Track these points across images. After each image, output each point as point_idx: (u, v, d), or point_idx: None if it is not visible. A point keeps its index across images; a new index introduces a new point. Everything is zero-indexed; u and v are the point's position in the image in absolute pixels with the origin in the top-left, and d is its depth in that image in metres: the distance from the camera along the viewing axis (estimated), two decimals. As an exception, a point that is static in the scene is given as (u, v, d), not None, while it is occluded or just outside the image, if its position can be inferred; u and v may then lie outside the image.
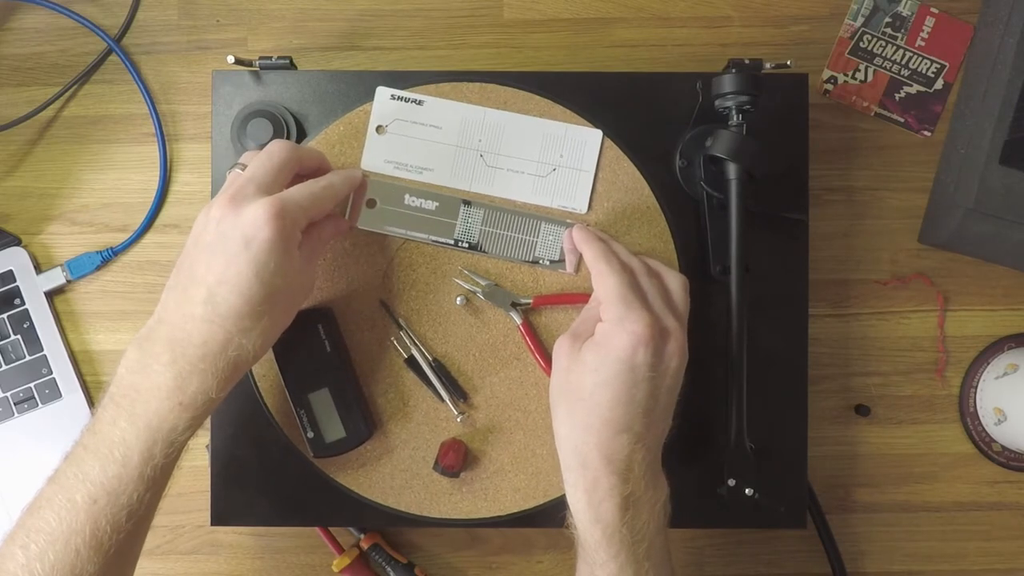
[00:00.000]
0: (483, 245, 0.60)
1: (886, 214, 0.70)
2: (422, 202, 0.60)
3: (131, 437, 0.48)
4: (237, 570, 0.69)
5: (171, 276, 0.52)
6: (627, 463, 0.51)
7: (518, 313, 0.60)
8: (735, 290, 0.58)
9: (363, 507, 0.61)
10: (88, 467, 0.48)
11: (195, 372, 0.48)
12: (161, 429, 0.48)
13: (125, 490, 0.48)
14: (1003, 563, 0.70)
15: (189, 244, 0.52)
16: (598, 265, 0.54)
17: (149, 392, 0.48)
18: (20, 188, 0.70)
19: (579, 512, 0.52)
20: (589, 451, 0.51)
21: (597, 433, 0.51)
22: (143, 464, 0.48)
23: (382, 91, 0.61)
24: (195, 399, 0.49)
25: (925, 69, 0.70)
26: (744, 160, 0.57)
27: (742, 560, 0.70)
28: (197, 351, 0.48)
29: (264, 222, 0.49)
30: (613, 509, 0.50)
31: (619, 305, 0.52)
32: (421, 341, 0.61)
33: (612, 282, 0.53)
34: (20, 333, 0.68)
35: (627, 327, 0.51)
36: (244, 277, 0.48)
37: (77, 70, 0.69)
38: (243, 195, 0.50)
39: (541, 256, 0.60)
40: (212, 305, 0.49)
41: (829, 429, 0.69)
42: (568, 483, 0.53)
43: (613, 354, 0.51)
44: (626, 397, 0.51)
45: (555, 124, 0.61)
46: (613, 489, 0.50)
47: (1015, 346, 0.69)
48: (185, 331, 0.49)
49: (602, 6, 0.70)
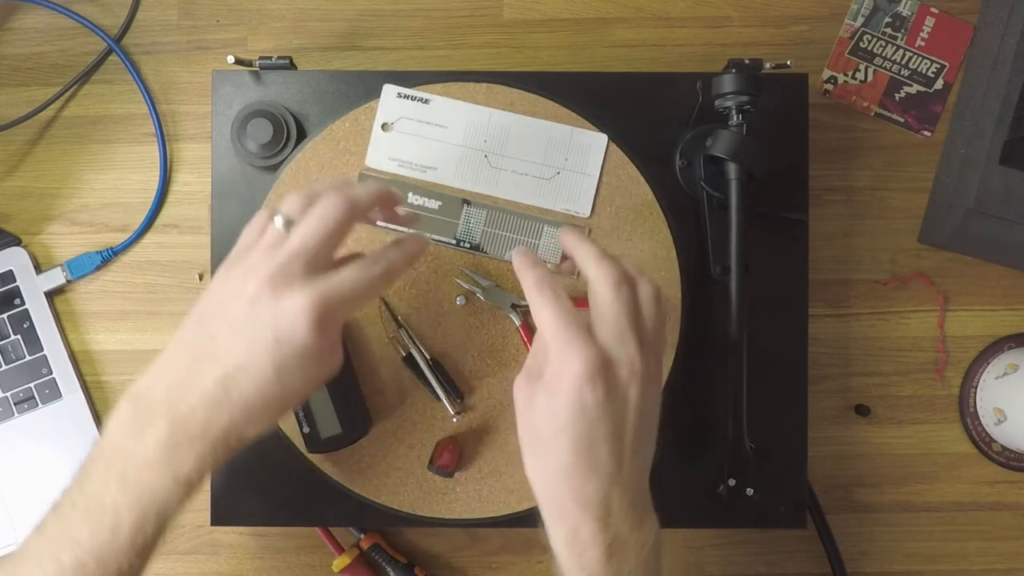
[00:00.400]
0: (485, 246, 0.60)
1: (886, 214, 0.70)
2: (425, 201, 0.60)
3: (123, 506, 0.45)
4: (237, 570, 0.69)
5: (181, 332, 0.48)
6: (605, 507, 0.47)
7: (518, 315, 0.60)
8: (735, 290, 0.58)
9: (363, 507, 0.61)
10: (76, 528, 0.45)
11: (192, 451, 0.45)
12: (154, 504, 0.45)
13: (115, 559, 0.45)
14: (1003, 563, 0.70)
15: (213, 306, 0.47)
16: (532, 296, 0.49)
17: (143, 461, 0.45)
18: (20, 188, 0.70)
19: (562, 562, 0.48)
20: (563, 498, 0.47)
21: (567, 479, 0.47)
22: (134, 536, 0.45)
23: (389, 89, 0.61)
24: (189, 475, 0.45)
25: (925, 69, 0.70)
26: (744, 160, 0.57)
27: (742, 560, 0.70)
28: (197, 428, 0.45)
29: (303, 327, 0.44)
30: (597, 557, 0.47)
31: (557, 341, 0.47)
32: (420, 340, 0.61)
33: (545, 315, 0.48)
34: (20, 333, 0.68)
35: (569, 366, 0.46)
36: (265, 373, 0.45)
37: (77, 70, 0.69)
38: (287, 274, 0.45)
39: (543, 258, 0.60)
40: (224, 388, 0.45)
41: (829, 429, 0.69)
42: (548, 530, 0.49)
43: (561, 397, 0.46)
44: (586, 440, 0.47)
45: (560, 127, 0.61)
46: (595, 537, 0.47)
47: (1015, 346, 0.69)
48: (189, 405, 0.45)
49: (602, 6, 0.70)
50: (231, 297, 0.46)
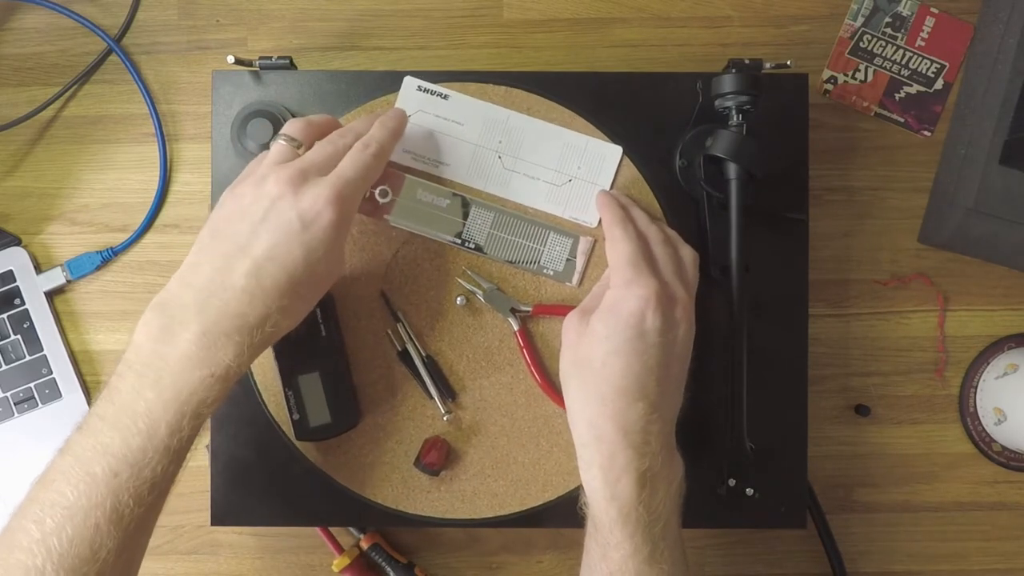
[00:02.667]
0: (489, 247, 0.60)
1: (886, 214, 0.70)
2: (434, 198, 0.60)
3: (157, 408, 0.46)
4: (237, 570, 0.69)
5: (202, 239, 0.50)
6: (643, 435, 0.50)
7: (516, 319, 0.60)
8: (735, 290, 0.58)
9: (363, 507, 0.61)
10: (107, 438, 0.46)
11: (229, 343, 0.47)
12: (191, 401, 0.47)
13: (149, 463, 0.46)
14: (1003, 563, 0.70)
15: (231, 212, 0.50)
16: (613, 230, 0.55)
17: (176, 362, 0.47)
18: (20, 188, 0.70)
19: (594, 490, 0.50)
20: (604, 423, 0.50)
21: (612, 404, 0.50)
22: (170, 436, 0.46)
23: (409, 81, 0.61)
24: (227, 371, 0.47)
25: (925, 69, 0.70)
26: (744, 160, 0.57)
27: (742, 560, 0.70)
28: (234, 322, 0.47)
29: (325, 205, 0.49)
30: (630, 486, 0.49)
31: (628, 269, 0.52)
32: (416, 336, 0.61)
33: (623, 248, 0.53)
34: (20, 333, 0.68)
35: (634, 291, 0.51)
36: (294, 257, 0.48)
37: (77, 70, 0.69)
38: (304, 177, 0.50)
39: (546, 265, 0.60)
40: (256, 278, 0.48)
41: (829, 429, 0.69)
42: (582, 460, 0.51)
43: (622, 319, 0.50)
44: (638, 363, 0.50)
45: (576, 135, 0.61)
46: (630, 464, 0.49)
47: (1015, 346, 0.69)
48: (222, 300, 0.47)
49: (602, 6, 0.70)
50: (248, 202, 0.50)
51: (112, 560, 0.46)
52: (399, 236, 0.61)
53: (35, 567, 0.44)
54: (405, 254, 0.61)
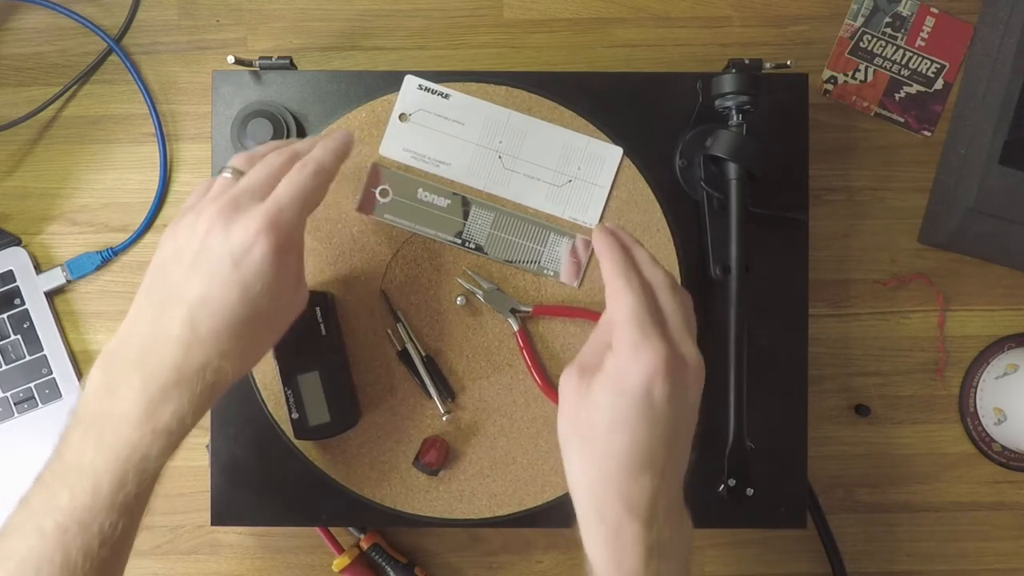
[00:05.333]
0: (489, 248, 0.60)
1: (886, 214, 0.70)
2: (434, 198, 0.60)
3: (100, 465, 0.45)
4: (237, 570, 0.69)
5: (141, 290, 0.49)
6: (651, 508, 0.46)
7: (516, 320, 0.60)
8: (735, 290, 0.58)
9: (363, 507, 0.61)
10: (57, 496, 0.45)
11: (169, 397, 0.45)
12: (132, 459, 0.45)
13: (96, 519, 0.45)
14: (1003, 563, 0.70)
15: (167, 255, 0.48)
16: (616, 282, 0.48)
17: (118, 419, 0.45)
18: (20, 188, 0.70)
19: (600, 564, 0.47)
20: (608, 498, 0.46)
21: (616, 478, 0.46)
22: (114, 493, 0.45)
23: (410, 80, 0.61)
24: (169, 425, 0.45)
25: (925, 69, 0.70)
26: (744, 160, 0.57)
27: (742, 560, 0.70)
28: (171, 375, 0.45)
29: (256, 237, 0.45)
30: (637, 561, 0.46)
31: (634, 331, 0.46)
32: (416, 336, 0.61)
33: (628, 302, 0.47)
34: (20, 333, 0.68)
35: (643, 359, 0.45)
36: (229, 299, 0.45)
37: (77, 70, 0.69)
38: (233, 206, 0.47)
39: (546, 266, 0.60)
40: (191, 326, 0.45)
41: (829, 429, 0.69)
42: (586, 533, 0.48)
43: (628, 391, 0.45)
44: (645, 436, 0.46)
45: (577, 136, 0.61)
46: (637, 539, 0.46)
47: (1015, 346, 0.69)
48: (158, 353, 0.45)
49: (602, 6, 0.70)
50: (183, 242, 0.47)
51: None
52: (399, 236, 0.61)
53: None
54: (405, 254, 0.61)
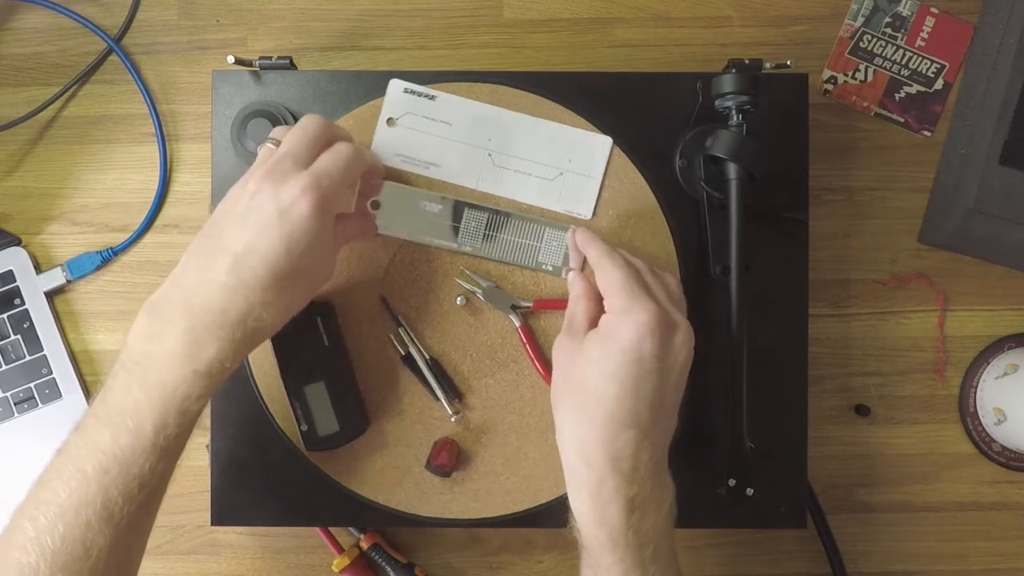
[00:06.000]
0: (486, 248, 0.60)
1: (886, 214, 0.70)
2: (426, 204, 0.60)
3: (144, 406, 0.47)
4: (237, 570, 0.69)
5: (193, 243, 0.51)
6: (633, 462, 0.49)
7: (517, 316, 0.60)
8: (735, 290, 0.58)
9: (363, 507, 0.61)
10: (99, 437, 0.47)
11: (212, 339, 0.47)
12: (175, 397, 0.47)
13: (137, 460, 0.46)
14: (1003, 563, 0.70)
15: (218, 214, 0.51)
16: (603, 262, 0.54)
17: (163, 359, 0.47)
18: (20, 188, 0.70)
19: (583, 515, 0.51)
20: (594, 450, 0.50)
21: (602, 429, 0.49)
22: (156, 434, 0.47)
23: (396, 84, 0.61)
24: (210, 367, 0.48)
25: (925, 69, 0.70)
26: (744, 160, 0.57)
27: (742, 560, 0.70)
28: (216, 318, 0.48)
29: (301, 194, 0.49)
30: (619, 511, 0.49)
31: (624, 296, 0.51)
32: (419, 339, 0.61)
33: (617, 275, 0.52)
34: (20, 333, 0.68)
35: (634, 316, 0.50)
36: (274, 249, 0.48)
37: (77, 70, 0.69)
38: (280, 170, 0.50)
39: (544, 261, 0.60)
40: (237, 273, 0.48)
41: (829, 429, 0.69)
42: (571, 485, 0.51)
43: (619, 344, 0.50)
44: (632, 390, 0.49)
45: (565, 129, 0.61)
46: (618, 490, 0.49)
47: (1015, 346, 0.69)
48: (206, 296, 0.48)
49: (602, 6, 0.70)
50: (232, 202, 0.51)
51: (104, 558, 0.46)
52: (395, 241, 0.60)
53: (29, 565, 0.45)
54: (402, 258, 0.61)
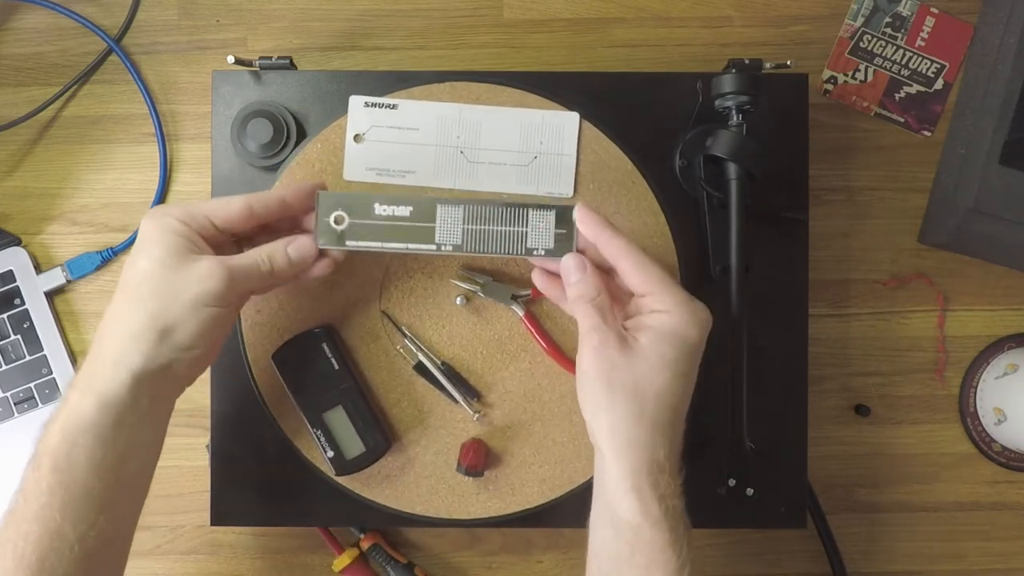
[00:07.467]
0: (469, 245, 0.54)
1: (886, 214, 0.70)
2: (394, 209, 0.54)
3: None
4: (237, 570, 0.69)
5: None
6: (676, 452, 0.50)
7: (519, 305, 0.60)
8: (735, 290, 0.58)
9: (363, 507, 0.60)
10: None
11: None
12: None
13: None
14: (1003, 563, 0.70)
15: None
16: (633, 255, 0.51)
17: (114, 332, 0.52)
18: (20, 188, 0.70)
19: (615, 496, 0.49)
20: (658, 446, 0.49)
21: (671, 427, 0.50)
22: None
23: (355, 100, 0.60)
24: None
25: (925, 69, 0.70)
26: (744, 160, 0.57)
27: (742, 560, 0.70)
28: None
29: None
30: (672, 491, 0.49)
31: (675, 292, 0.50)
32: (427, 346, 0.60)
33: (657, 271, 0.51)
34: (20, 333, 0.68)
35: (698, 317, 0.50)
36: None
37: (77, 70, 0.69)
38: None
39: (534, 247, 0.54)
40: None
41: (829, 429, 0.69)
42: (605, 466, 0.49)
43: (691, 346, 0.50)
44: (690, 384, 0.51)
45: (531, 112, 0.60)
46: (673, 479, 0.49)
47: (1015, 346, 0.69)
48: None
49: (602, 6, 0.70)
50: None
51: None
52: (385, 253, 0.58)
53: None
54: (395, 269, 0.60)
